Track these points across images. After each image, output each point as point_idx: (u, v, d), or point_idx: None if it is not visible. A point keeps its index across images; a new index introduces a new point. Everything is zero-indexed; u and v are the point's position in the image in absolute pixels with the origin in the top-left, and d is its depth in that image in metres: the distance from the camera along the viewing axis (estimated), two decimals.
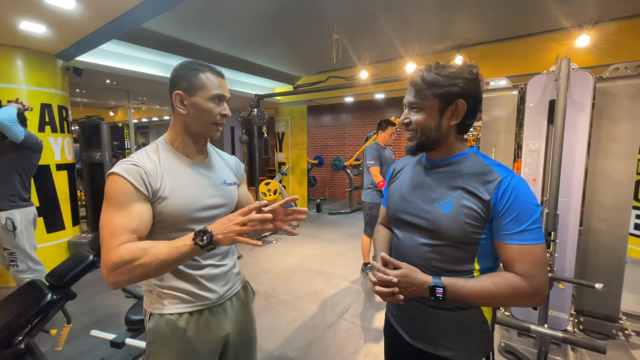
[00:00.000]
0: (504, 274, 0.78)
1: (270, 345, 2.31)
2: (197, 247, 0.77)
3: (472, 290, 0.76)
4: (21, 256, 2.47)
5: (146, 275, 0.78)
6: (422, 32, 4.07)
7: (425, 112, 0.84)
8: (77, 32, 2.79)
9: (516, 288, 0.75)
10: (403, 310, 0.94)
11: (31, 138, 2.46)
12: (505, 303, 0.79)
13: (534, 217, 0.76)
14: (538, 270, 0.75)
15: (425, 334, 0.89)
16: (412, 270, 0.80)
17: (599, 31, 3.53)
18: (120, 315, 2.65)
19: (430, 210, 0.85)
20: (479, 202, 0.79)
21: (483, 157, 0.86)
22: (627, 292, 2.43)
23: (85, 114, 5.55)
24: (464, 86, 0.81)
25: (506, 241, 0.77)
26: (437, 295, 0.77)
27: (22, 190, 2.48)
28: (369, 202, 3.37)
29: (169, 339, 0.92)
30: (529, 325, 1.88)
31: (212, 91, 0.92)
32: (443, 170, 0.88)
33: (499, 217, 0.78)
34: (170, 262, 0.78)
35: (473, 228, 0.79)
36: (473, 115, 0.85)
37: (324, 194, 8.73)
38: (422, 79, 0.84)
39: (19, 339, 1.63)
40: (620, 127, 2.12)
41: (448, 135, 0.86)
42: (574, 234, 2.10)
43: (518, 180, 0.78)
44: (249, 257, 4.22)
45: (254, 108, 5.26)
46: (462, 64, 0.83)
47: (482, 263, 0.83)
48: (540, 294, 0.76)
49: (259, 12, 3.48)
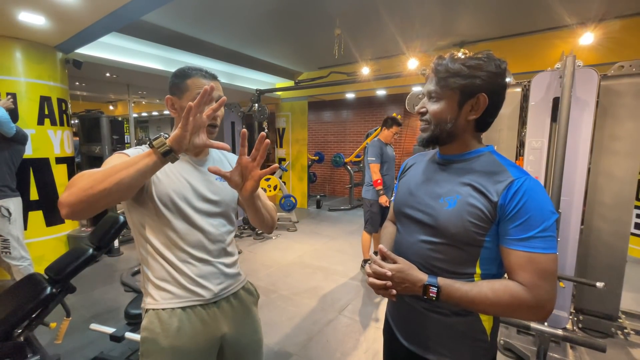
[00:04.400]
0: (505, 282, 0.73)
1: (269, 340, 2.31)
2: (152, 150, 0.71)
3: (468, 295, 0.72)
4: (14, 243, 2.58)
5: (95, 183, 0.66)
6: (424, 28, 4.04)
7: (443, 102, 0.79)
8: (77, 23, 2.76)
9: (516, 298, 0.69)
10: (400, 311, 0.92)
11: (20, 132, 2.58)
12: (503, 313, 0.74)
13: (546, 224, 0.70)
14: (544, 281, 0.69)
15: (419, 336, 0.87)
16: (408, 266, 0.78)
17: (604, 29, 3.50)
18: (120, 309, 2.65)
19: (434, 205, 0.81)
20: (486, 202, 0.74)
21: (499, 157, 0.82)
22: (626, 291, 2.43)
23: (85, 108, 5.52)
24: (488, 80, 0.76)
25: (511, 247, 0.72)
26: (431, 295, 0.73)
27: (10, 181, 2.59)
28: (369, 199, 3.36)
29: (162, 337, 0.91)
30: (528, 323, 1.88)
31: (196, 91, 0.93)
32: (455, 167, 0.84)
33: (506, 220, 0.73)
34: (120, 167, 0.69)
35: (477, 228, 0.75)
36: (494, 113, 0.81)
37: (324, 190, 8.72)
38: (445, 67, 0.78)
39: (19, 331, 1.63)
40: (624, 125, 2.11)
41: (465, 130, 0.82)
42: (575, 232, 2.10)
43: (532, 183, 0.73)
44: (248, 253, 4.22)
45: (255, 103, 5.24)
46: (490, 56, 0.78)
47: (485, 268, 0.78)
48: (544, 308, 0.70)
49: (260, 6, 3.44)
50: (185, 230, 0.94)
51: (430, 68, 0.82)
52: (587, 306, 2.34)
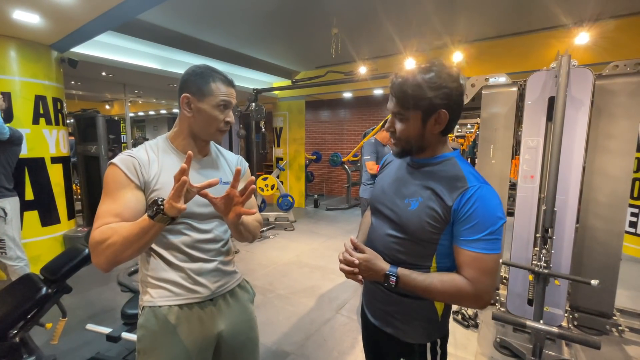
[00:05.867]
0: (453, 275, 0.83)
1: (267, 339, 2.31)
2: (151, 219, 0.77)
3: (422, 284, 0.82)
4: (10, 244, 2.56)
5: (118, 254, 0.79)
6: (421, 28, 4.05)
7: (408, 122, 0.86)
8: (72, 22, 2.75)
9: (460, 290, 0.80)
10: (369, 291, 1.04)
11: (15, 133, 2.55)
12: (449, 301, 0.87)
13: (492, 229, 0.79)
14: (485, 277, 0.80)
15: (381, 313, 0.98)
16: (374, 256, 0.88)
17: (599, 29, 3.52)
18: (116, 309, 2.64)
19: (400, 205, 0.90)
20: (443, 206, 0.82)
21: (461, 163, 0.88)
22: (621, 289, 2.45)
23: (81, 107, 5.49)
24: (445, 97, 0.81)
25: (461, 246, 0.82)
26: (390, 283, 0.84)
27: (6, 182, 2.57)
28: (366, 198, 3.37)
29: (159, 335, 0.91)
30: (524, 321, 1.89)
31: (219, 98, 0.94)
32: (422, 170, 0.91)
33: (458, 223, 0.81)
34: (134, 238, 0.79)
35: (432, 229, 0.84)
36: (457, 119, 0.86)
37: (321, 189, 8.73)
38: (401, 89, 0.83)
39: (14, 332, 1.62)
40: (618, 124, 2.13)
41: (431, 140, 0.88)
42: (570, 230, 2.11)
43: (485, 191, 0.81)
44: (246, 252, 4.22)
45: (252, 102, 5.22)
46: (442, 69, 0.81)
47: (440, 262, 0.88)
48: (483, 299, 0.81)
49: (258, 5, 3.44)
50: (183, 233, 0.94)
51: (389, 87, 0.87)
52: (582, 304, 2.36)
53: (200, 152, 1.02)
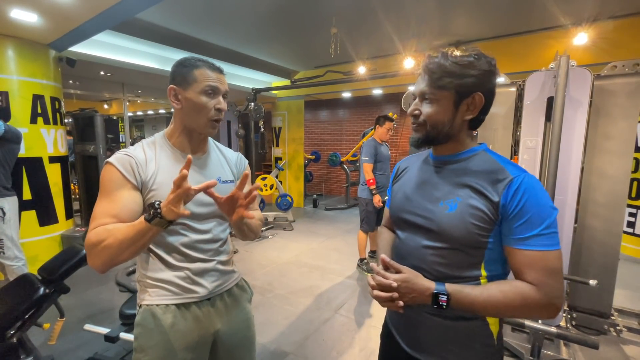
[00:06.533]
0: (513, 282, 0.71)
1: (265, 339, 2.31)
2: (147, 223, 0.76)
3: (479, 299, 0.70)
4: (8, 243, 2.55)
5: (114, 256, 0.78)
6: (420, 28, 4.04)
7: (439, 104, 0.77)
8: (70, 21, 2.73)
9: (527, 298, 0.68)
10: (402, 315, 0.85)
11: (11, 131, 2.52)
12: (515, 314, 0.72)
13: (549, 221, 0.69)
14: (551, 279, 0.68)
15: (424, 343, 0.83)
16: (414, 275, 0.74)
17: (597, 29, 3.53)
18: (115, 309, 2.63)
19: (434, 209, 0.79)
20: (488, 202, 0.73)
21: (494, 155, 0.80)
22: (619, 289, 2.46)
23: (79, 106, 5.47)
24: (482, 78, 0.74)
25: (516, 246, 0.71)
26: (441, 304, 0.71)
27: (5, 181, 2.55)
28: (365, 198, 3.37)
29: (155, 333, 0.91)
30: (522, 321, 1.89)
31: (204, 84, 0.91)
32: (450, 168, 0.81)
33: (509, 220, 0.71)
34: (130, 241, 0.77)
35: (480, 230, 0.73)
36: (488, 110, 0.79)
37: (320, 189, 8.72)
38: (438, 66, 0.75)
39: (11, 332, 1.61)
40: (616, 125, 2.13)
41: (460, 130, 0.80)
42: (568, 230, 2.12)
43: (531, 180, 0.72)
44: (244, 252, 4.21)
45: (251, 102, 5.21)
46: (480, 54, 0.75)
47: (490, 269, 0.76)
48: (554, 305, 0.68)
49: (257, 5, 3.43)
50: (181, 234, 0.94)
51: (421, 67, 0.79)
52: (580, 304, 2.36)
53: (198, 149, 1.00)
